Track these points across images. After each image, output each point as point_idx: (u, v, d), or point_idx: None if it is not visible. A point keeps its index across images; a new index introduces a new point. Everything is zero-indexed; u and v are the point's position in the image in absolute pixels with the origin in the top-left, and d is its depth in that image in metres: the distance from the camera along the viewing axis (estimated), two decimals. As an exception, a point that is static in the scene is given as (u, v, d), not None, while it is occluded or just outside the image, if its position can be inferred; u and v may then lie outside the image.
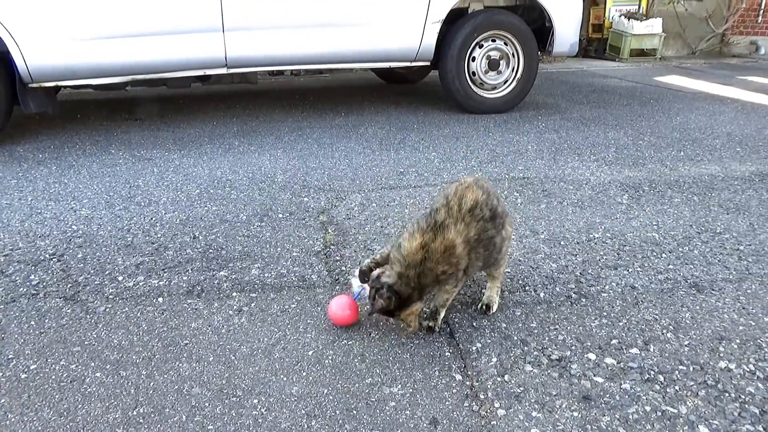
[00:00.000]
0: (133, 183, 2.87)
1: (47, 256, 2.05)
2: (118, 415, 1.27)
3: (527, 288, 1.82)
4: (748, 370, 1.40)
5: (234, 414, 1.27)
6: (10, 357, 1.47)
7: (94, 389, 1.35)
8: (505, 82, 4.43)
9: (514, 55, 4.37)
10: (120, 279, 1.87)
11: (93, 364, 1.44)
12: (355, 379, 1.38)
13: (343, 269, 1.94)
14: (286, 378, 1.39)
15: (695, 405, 1.28)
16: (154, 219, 2.39)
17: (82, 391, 1.34)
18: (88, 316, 1.65)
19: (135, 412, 1.27)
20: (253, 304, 1.71)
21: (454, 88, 4.32)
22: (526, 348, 1.49)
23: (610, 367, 1.41)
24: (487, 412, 1.27)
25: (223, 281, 1.85)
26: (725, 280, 1.87)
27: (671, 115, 4.51)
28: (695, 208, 2.52)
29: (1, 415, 1.26)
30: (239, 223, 2.33)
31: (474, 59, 4.29)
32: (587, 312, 1.67)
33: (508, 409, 1.28)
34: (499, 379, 1.38)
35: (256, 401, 1.31)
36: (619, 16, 7.91)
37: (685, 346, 1.50)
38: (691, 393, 1.32)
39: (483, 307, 1.66)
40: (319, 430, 1.23)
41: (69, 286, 1.83)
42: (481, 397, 1.32)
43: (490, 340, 1.53)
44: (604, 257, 2.04)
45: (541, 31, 4.46)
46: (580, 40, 8.45)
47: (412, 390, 1.34)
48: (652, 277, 1.90)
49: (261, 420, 1.25)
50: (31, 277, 1.89)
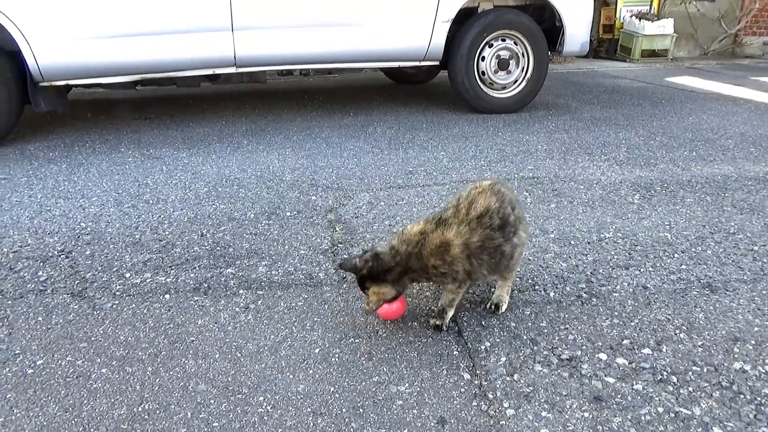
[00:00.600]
0: (142, 181, 2.87)
1: (55, 252, 2.05)
2: (123, 411, 1.26)
3: (537, 287, 1.80)
4: (764, 371, 1.37)
5: (239, 411, 1.26)
6: (17, 352, 1.46)
7: (100, 385, 1.34)
8: (515, 81, 4.40)
9: (523, 55, 4.34)
10: (127, 276, 1.87)
11: (99, 360, 1.43)
12: (361, 378, 1.36)
13: (350, 267, 1.92)
14: (292, 376, 1.37)
15: (709, 407, 1.26)
16: (162, 217, 2.38)
17: (87, 387, 1.33)
18: (95, 313, 1.64)
19: (140, 408, 1.27)
20: (259, 302, 1.70)
21: (463, 88, 4.29)
22: (536, 347, 1.47)
23: (621, 368, 1.39)
24: (495, 412, 1.25)
25: (229, 278, 1.84)
26: (739, 280, 1.84)
27: (683, 115, 4.46)
28: (708, 209, 2.48)
29: (7, 410, 1.26)
30: (247, 221, 2.32)
31: (483, 59, 4.27)
32: (598, 312, 1.64)
33: (517, 408, 1.26)
34: (508, 378, 1.35)
35: (261, 399, 1.30)
36: (630, 17, 7.85)
37: (699, 347, 1.47)
38: (705, 394, 1.30)
39: (492, 306, 1.63)
40: (324, 428, 1.21)
41: (77, 282, 1.83)
42: (490, 396, 1.30)
43: (499, 339, 1.51)
44: (615, 257, 2.01)
45: (552, 31, 4.43)
46: (590, 40, 8.42)
47: (419, 389, 1.32)
48: (665, 277, 1.87)
49: (266, 418, 1.24)
50: (40, 273, 1.89)
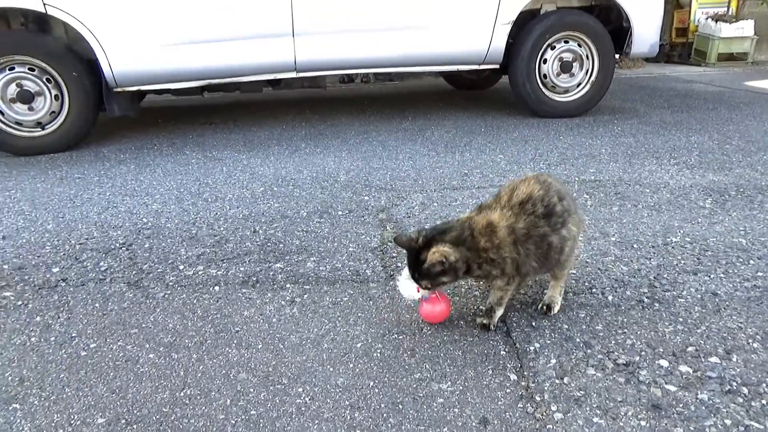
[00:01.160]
0: (203, 181, 2.95)
1: (117, 245, 2.13)
2: (166, 395, 1.27)
3: (594, 290, 1.70)
4: None
5: (278, 401, 1.25)
6: (73, 335, 1.52)
7: (146, 369, 1.37)
8: (578, 85, 4.26)
9: (588, 57, 4.19)
10: (181, 268, 1.91)
11: (147, 346, 1.46)
12: (402, 374, 1.32)
13: (398, 265, 1.89)
14: (332, 369, 1.35)
15: (785, 421, 1.14)
16: (218, 214, 2.44)
17: (135, 371, 1.36)
18: (148, 301, 1.69)
19: (182, 393, 1.28)
20: (305, 296, 1.70)
21: (524, 91, 4.19)
22: (590, 351, 1.38)
23: (684, 376, 1.28)
24: (543, 415, 1.18)
25: (278, 273, 1.85)
26: (825, 289, 1.67)
27: (764, 119, 4.17)
28: (790, 214, 2.29)
29: (59, 389, 1.30)
30: (299, 219, 2.34)
31: (545, 61, 4.15)
32: (660, 317, 1.53)
33: (566, 413, 1.18)
34: (557, 381, 1.28)
35: (300, 390, 1.28)
36: (706, 19, 7.46)
37: (774, 357, 1.34)
38: (781, 408, 1.17)
39: (544, 307, 1.56)
40: (362, 422, 1.18)
41: (134, 273, 1.89)
42: (537, 399, 1.22)
43: (549, 341, 1.43)
44: (682, 262, 1.88)
45: (620, 32, 4.26)
46: (662, 44, 8.07)
47: (462, 387, 1.27)
48: (738, 284, 1.72)
49: (304, 408, 1.22)
50: (101, 264, 1.97)
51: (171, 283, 1.80)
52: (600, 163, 3.11)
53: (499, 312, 1.48)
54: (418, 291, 1.43)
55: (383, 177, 2.92)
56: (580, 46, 4.16)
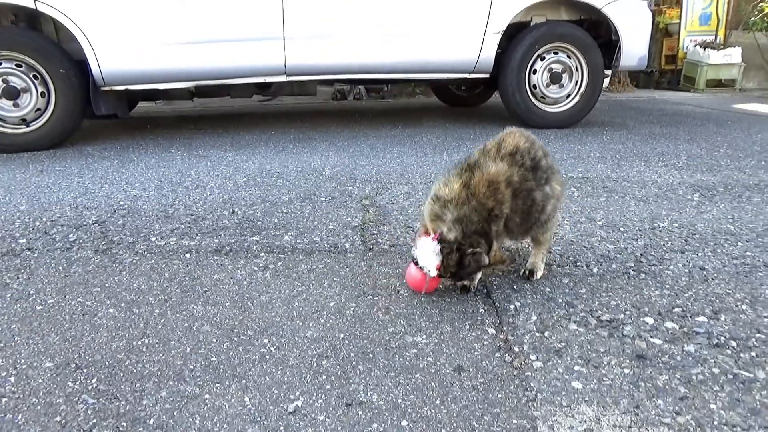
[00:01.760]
0: (186, 172, 2.90)
1: (90, 222, 2.07)
2: (122, 344, 1.20)
3: (578, 263, 1.64)
4: None
5: (241, 350, 1.17)
6: (31, 293, 1.44)
7: (104, 322, 1.29)
8: (568, 96, 4.27)
9: (577, 69, 4.22)
10: (153, 239, 1.85)
11: (108, 302, 1.39)
12: (375, 328, 1.25)
13: (378, 241, 1.83)
14: (301, 323, 1.28)
15: (776, 370, 1.07)
16: (198, 198, 2.38)
17: (92, 323, 1.29)
18: (114, 266, 1.62)
19: (139, 342, 1.20)
20: (279, 263, 1.63)
21: (514, 101, 4.20)
22: (572, 309, 1.32)
23: (670, 331, 1.22)
24: (521, 364, 1.11)
25: (253, 244, 1.79)
26: (815, 264, 1.62)
27: (751, 132, 4.19)
28: (779, 207, 2.25)
29: (8, 338, 1.23)
30: (279, 203, 2.28)
31: (535, 72, 4.17)
32: (646, 284, 1.48)
33: (546, 362, 1.11)
34: (537, 334, 1.21)
35: (266, 341, 1.21)
36: (694, 46, 7.59)
37: (764, 317, 1.28)
38: (772, 360, 1.11)
39: (526, 272, 1.50)
40: (329, 368, 1.11)
41: (103, 242, 1.82)
42: (516, 350, 1.16)
43: (531, 301, 1.37)
44: (669, 243, 1.84)
45: (610, 47, 4.29)
46: (651, 71, 8.19)
47: (437, 340, 1.20)
48: (726, 261, 1.67)
49: (268, 357, 1.15)
50: (70, 236, 1.90)
51: (141, 251, 1.73)
52: (588, 163, 3.08)
53: (478, 275, 1.42)
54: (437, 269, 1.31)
55: (369, 171, 2.88)
56: (569, 57, 4.19)
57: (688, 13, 7.61)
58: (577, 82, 4.24)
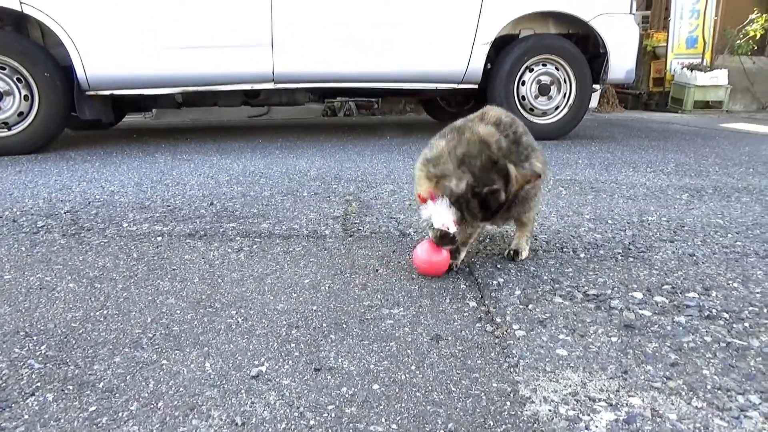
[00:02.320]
0: (167, 173, 2.84)
1: (62, 212, 1.99)
2: (78, 314, 1.12)
3: (565, 249, 1.59)
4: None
5: (206, 321, 1.10)
6: (-11, 270, 1.37)
7: (62, 295, 1.22)
8: (557, 108, 4.27)
9: (565, 81, 4.23)
10: (124, 225, 1.78)
11: (69, 278, 1.31)
12: (350, 302, 1.19)
13: (360, 229, 1.77)
14: (273, 297, 1.21)
15: (771, 339, 1.01)
16: (176, 193, 2.32)
17: (48, 296, 1.21)
18: (81, 246, 1.54)
19: (97, 314, 1.13)
20: (255, 246, 1.56)
21: (502, 112, 4.18)
22: (557, 285, 1.26)
23: (660, 304, 1.16)
24: (503, 333, 1.04)
25: (229, 230, 1.72)
26: (807, 250, 1.57)
27: (739, 145, 4.19)
28: (767, 205, 2.22)
29: (-42, 309, 1.15)
30: (261, 197, 2.22)
31: (524, 83, 4.17)
32: (635, 265, 1.42)
33: (530, 331, 1.05)
34: (521, 307, 1.15)
35: (233, 312, 1.14)
36: (682, 68, 7.68)
37: (757, 293, 1.23)
38: (766, 329, 1.05)
39: (511, 252, 1.44)
40: (298, 338, 1.04)
41: (73, 228, 1.75)
42: (498, 320, 1.09)
43: (514, 278, 1.31)
44: (658, 234, 1.79)
45: (598, 61, 4.31)
46: (640, 93, 8.27)
47: (415, 312, 1.13)
48: (716, 249, 1.62)
49: (234, 326, 1.08)
50: (39, 222, 1.83)
51: (111, 235, 1.66)
52: (577, 168, 3.05)
53: (462, 253, 1.36)
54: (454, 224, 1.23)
55: (354, 173, 2.83)
56: (557, 69, 4.20)
57: (674, 36, 7.73)
58: (565, 94, 4.24)
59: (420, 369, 0.93)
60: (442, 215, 1.21)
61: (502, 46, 4.17)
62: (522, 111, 4.22)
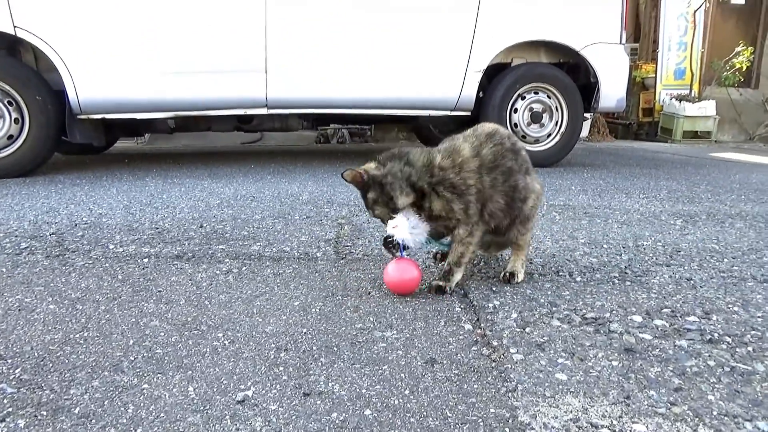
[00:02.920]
0: (157, 196, 2.80)
1: (47, 234, 1.95)
2: (57, 337, 1.07)
3: (561, 273, 1.56)
4: None
5: (191, 343, 1.06)
6: (-34, 291, 1.32)
7: (41, 317, 1.17)
8: (549, 135, 4.29)
9: (557, 109, 4.26)
10: (111, 247, 1.73)
11: (50, 299, 1.26)
12: (342, 324, 1.15)
13: (352, 252, 1.74)
14: (261, 319, 1.17)
15: (777, 363, 0.98)
16: (166, 216, 2.28)
17: (27, 318, 1.16)
18: (64, 268, 1.50)
19: (78, 336, 1.08)
20: (244, 268, 1.52)
21: (494, 139, 4.19)
22: (555, 308, 1.23)
23: (660, 328, 1.13)
24: (500, 357, 1.00)
25: (218, 252, 1.68)
26: (806, 275, 1.55)
27: (729, 174, 4.22)
28: (761, 231, 2.21)
29: (-70, 331, 1.09)
30: (252, 221, 2.18)
31: (516, 111, 4.20)
32: (633, 289, 1.39)
33: (528, 355, 1.01)
34: (518, 330, 1.11)
35: (220, 334, 1.09)
36: (670, 99, 7.79)
37: (758, 317, 1.20)
38: (771, 354, 1.02)
39: (506, 275, 1.41)
40: (287, 360, 0.99)
41: (57, 249, 1.70)
42: (494, 344, 1.06)
43: (510, 301, 1.27)
44: (654, 258, 1.76)
45: (590, 89, 4.35)
46: (630, 123, 8.37)
47: (409, 335, 1.10)
48: (713, 273, 1.60)
49: (220, 349, 1.03)
50: (22, 244, 1.78)
51: (96, 256, 1.61)
52: (570, 194, 3.05)
53: (457, 275, 1.33)
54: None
55: (347, 197, 2.81)
56: (549, 97, 4.24)
57: (663, 67, 7.86)
58: (557, 121, 4.27)
59: (414, 394, 0.89)
60: (399, 221, 1.25)
61: (494, 74, 4.21)
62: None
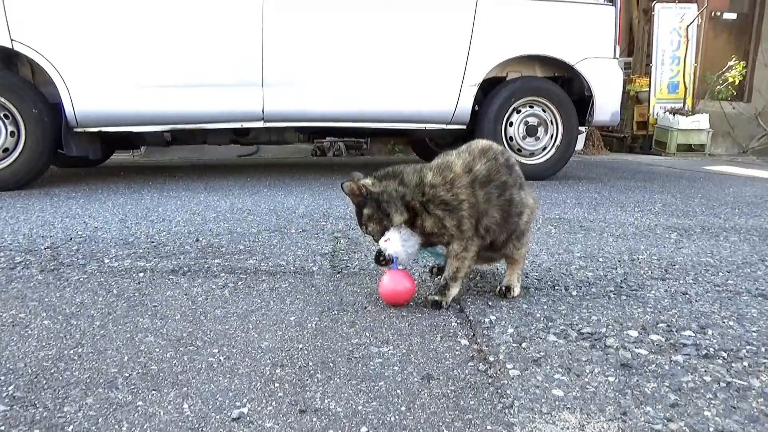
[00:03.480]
0: (153, 209, 2.80)
1: (41, 248, 1.94)
2: (51, 353, 1.07)
3: (557, 287, 1.56)
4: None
5: (186, 359, 1.05)
6: (-40, 306, 1.31)
7: (35, 332, 1.16)
8: (544, 149, 4.31)
9: (552, 122, 4.28)
10: (106, 261, 1.73)
11: (44, 314, 1.26)
12: (338, 340, 1.14)
13: (348, 266, 1.74)
14: (257, 335, 1.17)
15: (772, 379, 0.98)
16: (161, 229, 2.27)
17: (20, 334, 1.15)
18: (58, 282, 1.49)
19: (72, 352, 1.07)
20: (240, 283, 1.52)
21: (490, 152, 4.21)
22: (551, 323, 1.23)
23: (656, 343, 1.13)
24: (496, 373, 1.00)
25: (214, 266, 1.68)
26: (800, 289, 1.56)
27: (723, 187, 4.24)
28: (756, 245, 2.22)
29: (-77, 347, 1.09)
30: (248, 234, 2.18)
31: (511, 124, 4.23)
32: (628, 303, 1.39)
33: (524, 370, 1.01)
34: (514, 345, 1.11)
35: (215, 350, 1.09)
36: (664, 112, 7.85)
37: (753, 332, 1.20)
38: (766, 369, 1.02)
39: (502, 289, 1.41)
40: (283, 377, 0.99)
41: (52, 263, 1.69)
42: (491, 359, 1.05)
43: (507, 315, 1.27)
44: (650, 272, 1.77)
45: (584, 103, 4.38)
46: (624, 137, 8.42)
47: (405, 351, 1.09)
48: (708, 288, 1.61)
49: (216, 365, 1.03)
50: (17, 258, 1.77)
51: (91, 271, 1.61)
52: (565, 208, 3.06)
53: (453, 290, 1.33)
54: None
55: (344, 210, 2.81)
56: (544, 111, 4.27)
57: (657, 81, 7.93)
58: (552, 135, 4.30)
59: (410, 410, 0.88)
60: (391, 235, 1.27)
61: (489, 88, 4.24)
62: (510, 151, 4.24)
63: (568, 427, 0.84)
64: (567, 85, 4.45)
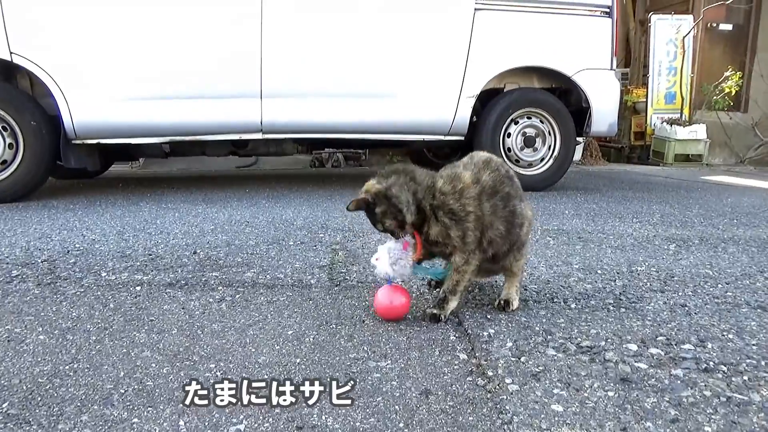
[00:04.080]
0: (151, 221, 2.80)
1: (38, 261, 1.93)
2: (47, 369, 1.06)
3: (556, 299, 1.56)
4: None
5: (182, 375, 1.04)
6: (-45, 321, 1.30)
7: (31, 348, 1.15)
8: (542, 159, 4.32)
9: (550, 133, 4.30)
10: (103, 275, 1.72)
11: (40, 329, 1.25)
12: (336, 354, 1.14)
13: (347, 278, 1.73)
14: (254, 349, 1.16)
15: (773, 393, 0.97)
16: (159, 242, 2.27)
17: (16, 349, 1.15)
18: (55, 296, 1.48)
19: (67, 368, 1.07)
20: (237, 296, 1.52)
21: (488, 163, 4.22)
22: (550, 337, 1.22)
23: (656, 357, 1.12)
24: (496, 388, 0.99)
25: (211, 279, 1.67)
26: (800, 301, 1.55)
27: (722, 197, 4.25)
28: (755, 256, 2.22)
29: None
30: (246, 247, 2.18)
31: (509, 135, 4.24)
32: (627, 316, 1.39)
33: (523, 385, 1.00)
34: (513, 359, 1.11)
35: (212, 365, 1.08)
36: (662, 123, 7.88)
37: (753, 345, 1.20)
38: (766, 383, 1.01)
39: (501, 302, 1.41)
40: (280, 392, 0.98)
41: (49, 277, 1.69)
42: (489, 374, 1.05)
43: (505, 329, 1.27)
44: (648, 284, 1.77)
45: (581, 114, 4.40)
46: (622, 147, 8.45)
47: (403, 365, 1.09)
48: (707, 300, 1.60)
49: (213, 380, 1.02)
50: (13, 272, 1.76)
51: (87, 284, 1.60)
52: (563, 219, 3.06)
53: (452, 303, 1.32)
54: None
55: (342, 222, 2.81)
56: (542, 122, 4.28)
57: (654, 92, 7.97)
58: (550, 146, 4.31)
59: (409, 426, 0.88)
60: (381, 254, 1.31)
61: (487, 99, 4.25)
62: (508, 162, 4.25)
63: (567, 444, 0.83)
64: (564, 96, 4.47)
